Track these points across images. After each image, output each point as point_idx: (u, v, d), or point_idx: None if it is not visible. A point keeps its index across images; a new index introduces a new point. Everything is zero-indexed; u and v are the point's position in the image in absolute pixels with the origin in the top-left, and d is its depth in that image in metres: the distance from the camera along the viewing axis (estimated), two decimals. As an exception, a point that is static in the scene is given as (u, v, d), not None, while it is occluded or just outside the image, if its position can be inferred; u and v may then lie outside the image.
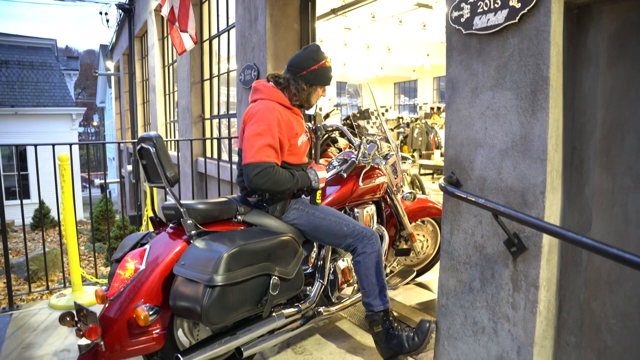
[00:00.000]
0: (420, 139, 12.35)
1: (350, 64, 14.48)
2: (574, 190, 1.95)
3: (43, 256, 3.91)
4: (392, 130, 13.18)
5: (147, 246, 2.15)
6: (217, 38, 6.54)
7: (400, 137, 13.31)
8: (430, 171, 11.32)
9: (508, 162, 1.99)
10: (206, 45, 6.95)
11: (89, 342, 1.90)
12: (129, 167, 12.24)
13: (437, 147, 12.14)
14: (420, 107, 17.27)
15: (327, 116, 5.84)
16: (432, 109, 15.05)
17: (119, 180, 16.89)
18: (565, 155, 1.93)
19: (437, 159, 10.70)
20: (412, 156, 11.93)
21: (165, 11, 5.55)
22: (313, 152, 2.76)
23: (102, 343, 1.90)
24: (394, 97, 19.63)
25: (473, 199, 1.99)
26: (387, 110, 18.41)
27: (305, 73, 2.44)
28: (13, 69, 16.68)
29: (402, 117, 15.58)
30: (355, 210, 2.89)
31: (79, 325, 1.90)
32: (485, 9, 2.01)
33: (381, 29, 10.69)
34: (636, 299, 1.74)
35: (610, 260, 1.56)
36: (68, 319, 1.91)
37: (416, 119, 13.52)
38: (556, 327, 2.02)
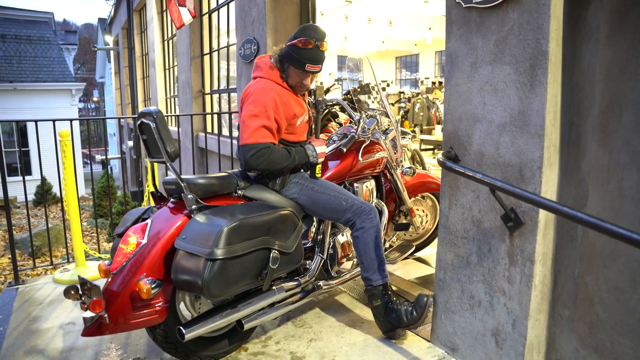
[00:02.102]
0: (421, 114, 12.28)
1: (352, 38, 14.30)
2: (570, 165, 1.96)
3: (46, 232, 3.95)
4: (392, 105, 13.11)
5: (148, 221, 2.18)
6: (216, 11, 6.47)
7: (401, 112, 13.23)
8: (431, 146, 11.30)
9: (506, 137, 2.00)
10: (205, 18, 6.88)
11: (93, 314, 1.94)
12: (130, 143, 12.25)
13: (439, 123, 12.08)
14: (422, 82, 17.12)
15: (327, 91, 5.81)
16: (433, 83, 14.91)
17: (120, 156, 16.90)
18: (562, 131, 1.94)
19: (438, 134, 10.67)
20: (413, 131, 11.89)
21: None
22: (313, 126, 2.76)
23: (106, 315, 1.94)
24: (396, 71, 19.44)
25: (471, 174, 2.01)
26: (388, 85, 18.26)
27: (284, 48, 2.42)
28: (10, 44, 16.53)
29: (403, 92, 15.47)
30: (355, 185, 2.91)
31: (83, 299, 1.95)
32: (486, -18, 1.99)
33: (383, 2, 10.53)
34: (628, 274, 1.77)
35: (604, 235, 1.58)
36: (72, 292, 1.96)
37: (417, 94, 13.42)
38: (551, 300, 2.06)
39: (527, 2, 1.86)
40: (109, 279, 2.05)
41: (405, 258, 3.58)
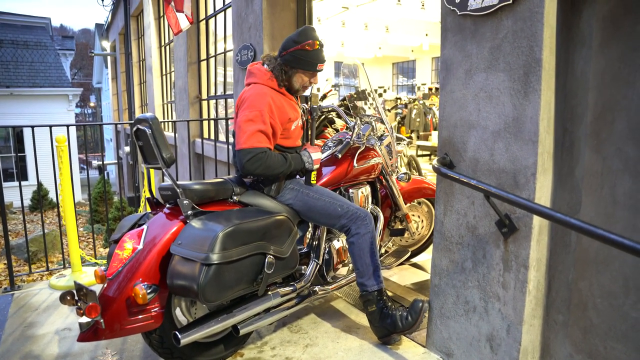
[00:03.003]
0: (418, 120, 12.32)
1: (349, 44, 14.35)
2: (564, 172, 1.98)
3: (42, 237, 3.95)
4: (389, 111, 13.14)
5: (144, 226, 2.19)
6: (213, 18, 6.49)
7: (398, 118, 13.27)
8: (428, 152, 11.31)
9: (500, 143, 2.02)
10: (202, 25, 6.90)
11: (89, 320, 1.94)
12: (127, 149, 12.23)
13: (435, 129, 12.10)
14: (419, 88, 17.18)
15: (324, 97, 5.83)
16: (430, 89, 14.97)
17: (116, 161, 16.87)
18: (556, 137, 1.95)
19: (434, 140, 10.68)
20: (410, 137, 11.92)
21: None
22: (309, 133, 2.77)
23: (102, 321, 1.94)
24: (392, 77, 19.50)
25: (465, 180, 2.02)
26: (385, 91, 18.32)
27: (285, 54, 2.43)
28: (7, 49, 16.53)
29: (400, 98, 15.52)
30: (350, 190, 2.91)
31: (79, 304, 1.95)
32: (480, -10, 2.01)
33: (380, 9, 10.58)
34: (621, 279, 1.78)
35: (597, 241, 1.59)
36: (68, 298, 1.96)
37: (414, 100, 13.46)
38: (545, 306, 2.07)
39: (521, 10, 1.88)
40: (105, 285, 2.05)
41: (401, 264, 3.59)
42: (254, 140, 2.28)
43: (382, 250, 3.31)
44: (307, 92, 2.67)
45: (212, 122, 6.77)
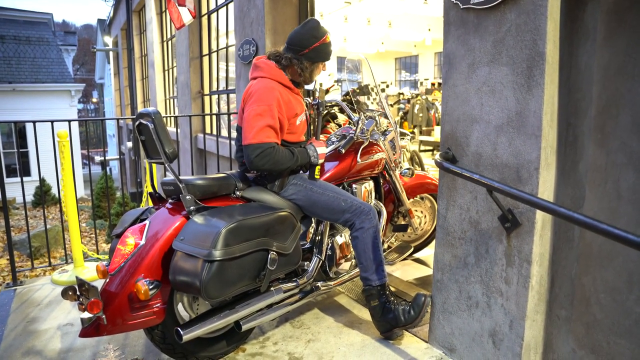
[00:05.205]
0: (420, 115, 12.28)
1: (351, 39, 14.31)
2: (568, 166, 1.97)
3: (45, 233, 3.95)
4: (392, 106, 13.11)
5: (146, 221, 2.18)
6: (215, 12, 6.48)
7: (401, 113, 13.24)
8: (431, 147, 11.30)
9: (503, 138, 2.01)
10: (205, 19, 6.89)
11: (91, 315, 1.94)
12: (129, 144, 12.25)
13: (438, 124, 12.07)
14: (421, 83, 17.14)
15: (327, 92, 5.81)
16: (433, 84, 14.91)
17: (119, 157, 16.90)
18: (560, 132, 1.94)
19: (437, 136, 10.67)
20: (413, 132, 11.89)
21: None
22: (312, 127, 2.76)
23: (103, 316, 1.94)
24: (395, 72, 19.46)
25: (468, 175, 2.01)
26: (387, 86, 18.28)
27: (307, 51, 2.42)
28: (9, 44, 16.53)
29: (402, 93, 15.47)
30: (354, 186, 2.91)
31: (81, 300, 1.95)
32: (483, -17, 1.99)
33: (382, 3, 10.54)
34: (625, 274, 1.77)
35: (601, 236, 1.58)
36: (70, 293, 1.96)
37: (417, 95, 13.42)
38: (548, 301, 2.06)
39: (524, 3, 1.87)
40: (107, 280, 2.05)
41: (404, 259, 3.59)
42: (263, 135, 2.26)
43: (385, 246, 3.30)
44: (310, 86, 2.67)
45: (214, 117, 6.76)
